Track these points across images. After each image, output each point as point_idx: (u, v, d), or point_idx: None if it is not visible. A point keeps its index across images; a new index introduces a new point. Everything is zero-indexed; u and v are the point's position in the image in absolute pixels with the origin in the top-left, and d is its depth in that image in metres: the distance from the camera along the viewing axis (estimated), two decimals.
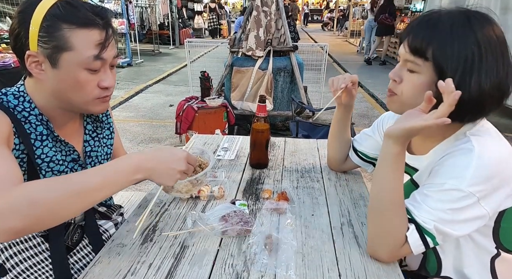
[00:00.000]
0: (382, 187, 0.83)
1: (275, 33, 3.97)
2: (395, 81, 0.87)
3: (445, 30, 0.77)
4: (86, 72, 0.83)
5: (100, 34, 0.82)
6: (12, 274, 0.87)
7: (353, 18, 15.94)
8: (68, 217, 0.73)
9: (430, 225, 0.78)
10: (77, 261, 0.95)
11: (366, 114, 5.17)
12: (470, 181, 0.74)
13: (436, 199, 0.78)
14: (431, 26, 0.79)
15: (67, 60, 0.80)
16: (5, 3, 5.34)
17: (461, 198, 0.75)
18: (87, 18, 0.80)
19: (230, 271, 0.81)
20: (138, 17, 10.30)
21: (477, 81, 0.75)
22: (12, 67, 3.39)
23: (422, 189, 0.82)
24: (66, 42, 0.79)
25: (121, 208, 1.18)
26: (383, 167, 0.84)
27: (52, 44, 0.79)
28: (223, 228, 0.93)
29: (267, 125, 1.29)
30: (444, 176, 0.78)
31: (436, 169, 0.82)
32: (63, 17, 0.79)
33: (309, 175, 1.30)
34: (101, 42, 0.82)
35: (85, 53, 0.80)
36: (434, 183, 0.80)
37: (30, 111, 0.86)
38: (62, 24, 0.78)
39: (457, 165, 0.78)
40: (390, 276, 0.81)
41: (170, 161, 0.81)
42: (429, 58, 0.78)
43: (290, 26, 5.34)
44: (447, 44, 0.76)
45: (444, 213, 0.77)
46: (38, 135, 0.87)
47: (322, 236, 0.94)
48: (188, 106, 3.39)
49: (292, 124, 3.19)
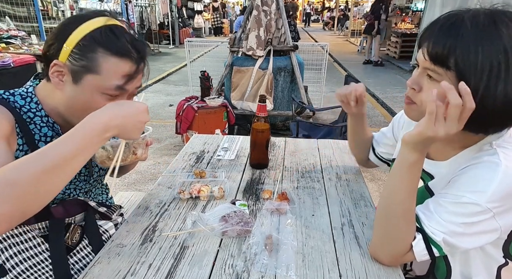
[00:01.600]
0: (393, 194, 0.79)
1: (275, 32, 3.97)
2: (414, 90, 0.81)
3: (468, 36, 0.69)
4: (103, 97, 0.84)
5: (130, 66, 0.84)
6: (12, 274, 0.87)
7: (354, 18, 15.94)
8: (52, 193, 0.70)
9: (439, 237, 0.75)
10: (77, 261, 0.95)
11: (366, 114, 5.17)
12: (491, 197, 0.70)
13: (450, 210, 0.74)
14: (453, 32, 0.71)
15: (90, 82, 0.82)
16: (4, 3, 5.34)
17: (478, 213, 0.71)
18: (123, 49, 0.82)
19: (230, 271, 0.81)
20: (138, 17, 10.29)
21: (503, 91, 0.68)
22: (12, 67, 3.38)
23: (437, 198, 0.78)
24: (96, 66, 0.81)
25: (121, 208, 1.18)
26: (397, 174, 0.79)
27: (81, 62, 0.81)
28: (223, 229, 0.93)
29: (267, 125, 1.29)
30: (464, 188, 0.74)
31: (455, 178, 0.78)
32: (102, 42, 0.81)
33: (309, 175, 1.30)
34: (129, 74, 0.84)
35: (110, 81, 0.83)
36: (451, 193, 0.76)
37: (36, 112, 0.87)
38: (98, 48, 0.81)
39: (479, 178, 0.73)
40: (391, 277, 0.80)
41: (135, 114, 0.79)
42: (452, 67, 0.71)
43: (291, 25, 5.33)
44: (471, 53, 0.69)
45: (456, 226, 0.74)
46: (43, 137, 0.88)
47: (322, 237, 0.94)
48: (188, 106, 3.39)
49: (293, 124, 3.19)
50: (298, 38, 6.51)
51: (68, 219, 0.95)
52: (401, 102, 5.57)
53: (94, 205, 1.00)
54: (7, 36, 4.23)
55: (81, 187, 1.02)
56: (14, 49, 3.93)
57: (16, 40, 4.18)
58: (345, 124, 2.97)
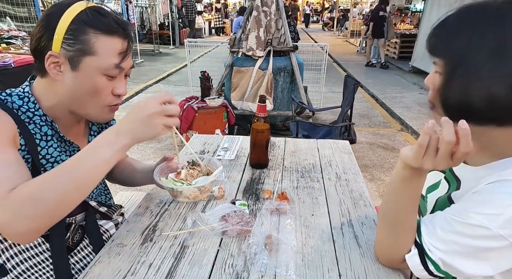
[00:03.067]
0: (388, 203, 0.78)
1: (275, 33, 3.97)
2: (431, 89, 0.77)
3: (452, 23, 0.71)
4: (104, 78, 0.85)
5: (122, 43, 0.85)
6: (13, 274, 0.87)
7: (353, 18, 15.95)
8: (74, 206, 0.75)
9: (435, 255, 0.70)
10: (77, 261, 0.95)
11: (366, 115, 5.18)
12: (505, 223, 0.62)
13: (456, 230, 0.68)
14: (441, 23, 0.74)
15: (89, 65, 0.82)
16: (5, 3, 5.34)
17: (486, 238, 0.64)
18: (112, 26, 0.83)
19: (230, 271, 0.81)
20: (138, 17, 10.30)
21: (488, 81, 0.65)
22: (12, 67, 3.38)
23: (446, 214, 0.72)
24: (90, 47, 0.81)
25: (122, 208, 1.18)
26: (392, 187, 0.77)
27: (76, 47, 0.80)
28: (223, 228, 0.93)
29: (267, 125, 1.29)
30: (476, 208, 0.67)
31: (471, 195, 0.71)
32: (90, 22, 0.81)
33: (309, 175, 1.30)
34: (122, 51, 0.85)
35: (107, 60, 0.83)
36: (461, 211, 0.69)
37: (34, 112, 0.87)
38: (88, 29, 0.81)
39: (495, 199, 0.65)
40: (390, 276, 0.81)
41: (142, 111, 0.77)
42: (444, 55, 0.72)
43: (290, 26, 5.34)
44: (460, 39, 0.69)
45: (459, 246, 0.68)
46: (43, 136, 0.88)
47: (322, 236, 0.94)
48: (188, 106, 3.39)
49: (292, 124, 3.19)
50: (298, 39, 6.52)
51: (68, 218, 0.95)
52: (400, 102, 5.58)
53: (95, 204, 1.00)
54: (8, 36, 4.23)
55: None
56: (15, 49, 3.93)
57: (16, 41, 4.18)
58: (345, 125, 2.99)
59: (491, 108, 0.66)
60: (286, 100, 4.07)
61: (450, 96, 0.70)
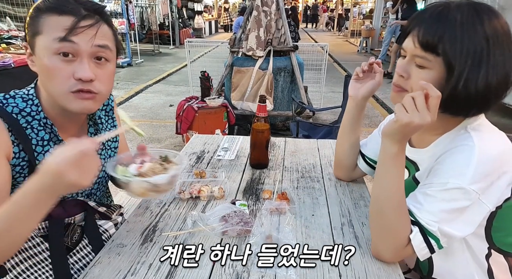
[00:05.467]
0: (382, 189, 0.82)
1: (275, 33, 3.97)
2: (402, 77, 0.85)
3: (455, 24, 0.75)
4: (56, 58, 0.79)
5: (72, 20, 0.78)
6: (12, 274, 0.87)
7: (354, 18, 15.95)
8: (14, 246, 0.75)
9: (434, 227, 0.77)
10: (76, 261, 0.95)
11: (366, 114, 5.17)
12: (472, 179, 0.74)
13: (439, 198, 0.77)
14: (442, 20, 0.76)
15: (39, 45, 0.80)
16: (5, 3, 5.34)
17: (464, 195, 0.75)
18: (62, 5, 0.80)
19: (230, 271, 0.81)
20: (138, 17, 10.30)
21: (485, 76, 0.74)
22: (12, 67, 3.38)
23: (424, 189, 0.81)
24: (39, 27, 0.80)
25: (121, 208, 1.18)
26: (383, 169, 0.83)
27: (32, 32, 0.81)
28: (223, 228, 0.93)
29: (267, 125, 1.29)
30: (446, 174, 0.77)
31: (436, 167, 0.81)
32: (44, 7, 0.81)
33: (309, 175, 1.30)
34: (70, 26, 0.78)
35: (52, 35, 0.78)
36: (435, 182, 0.79)
37: (34, 116, 0.86)
38: (42, 13, 0.80)
39: (458, 163, 0.77)
40: (391, 277, 0.81)
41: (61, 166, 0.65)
42: (440, 53, 0.77)
43: (291, 26, 5.34)
44: (457, 39, 0.75)
45: (447, 213, 0.76)
46: (40, 141, 0.87)
47: (322, 236, 0.94)
48: (188, 106, 3.39)
49: (293, 125, 3.19)
50: (298, 39, 6.51)
51: (67, 219, 0.95)
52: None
53: (94, 205, 1.00)
54: (8, 36, 4.23)
55: (81, 191, 0.99)
56: (15, 49, 3.92)
57: (16, 41, 4.18)
58: None
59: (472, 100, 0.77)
60: (286, 100, 4.06)
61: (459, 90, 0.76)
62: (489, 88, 0.75)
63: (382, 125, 1.15)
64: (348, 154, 1.18)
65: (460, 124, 0.84)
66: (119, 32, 7.90)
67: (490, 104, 0.79)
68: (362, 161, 1.17)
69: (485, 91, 0.75)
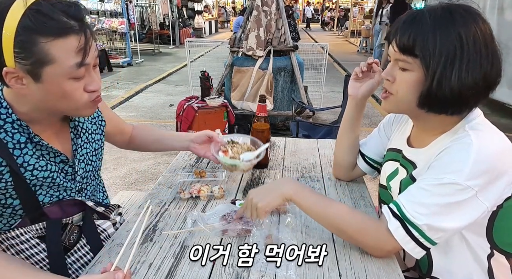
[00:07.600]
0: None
1: (275, 32, 3.97)
2: (389, 81, 0.87)
3: (427, 25, 0.77)
4: (71, 81, 0.78)
5: (78, 39, 0.76)
6: None
7: (354, 18, 15.94)
8: None
9: (420, 221, 0.78)
10: (74, 261, 0.95)
11: (366, 114, 5.18)
12: (468, 175, 0.74)
13: (434, 192, 0.78)
14: (415, 24, 0.79)
15: (51, 73, 0.75)
16: None
17: (459, 191, 0.75)
18: (61, 26, 0.74)
19: (230, 271, 0.81)
20: (138, 17, 10.30)
21: (457, 75, 0.76)
22: None
23: (419, 183, 0.82)
24: (46, 56, 0.73)
25: (120, 208, 1.18)
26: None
27: (31, 60, 0.73)
28: (223, 228, 0.93)
29: (267, 125, 1.29)
30: (442, 170, 0.78)
31: (434, 164, 0.82)
32: (37, 29, 0.72)
33: (309, 175, 1.30)
34: (81, 47, 0.76)
35: (67, 63, 0.75)
36: (432, 177, 0.80)
37: (6, 119, 0.82)
38: (37, 37, 0.72)
39: (455, 159, 0.77)
40: (390, 276, 0.81)
41: None
42: (418, 54, 0.79)
43: (291, 25, 5.34)
44: (429, 39, 0.77)
45: (439, 207, 0.77)
46: (16, 144, 0.83)
47: (322, 236, 0.94)
48: (188, 106, 3.39)
49: (293, 124, 3.19)
50: (298, 38, 6.51)
51: (65, 219, 0.95)
52: None
53: (92, 205, 1.00)
54: None
55: (70, 187, 0.95)
56: None
57: None
58: None
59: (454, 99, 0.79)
60: (286, 100, 4.06)
61: (439, 90, 0.78)
62: (464, 88, 0.76)
63: (382, 125, 1.16)
64: (348, 153, 1.19)
65: (458, 124, 0.85)
66: (119, 32, 7.91)
67: (470, 103, 0.80)
68: (362, 161, 1.18)
69: (460, 90, 0.76)
